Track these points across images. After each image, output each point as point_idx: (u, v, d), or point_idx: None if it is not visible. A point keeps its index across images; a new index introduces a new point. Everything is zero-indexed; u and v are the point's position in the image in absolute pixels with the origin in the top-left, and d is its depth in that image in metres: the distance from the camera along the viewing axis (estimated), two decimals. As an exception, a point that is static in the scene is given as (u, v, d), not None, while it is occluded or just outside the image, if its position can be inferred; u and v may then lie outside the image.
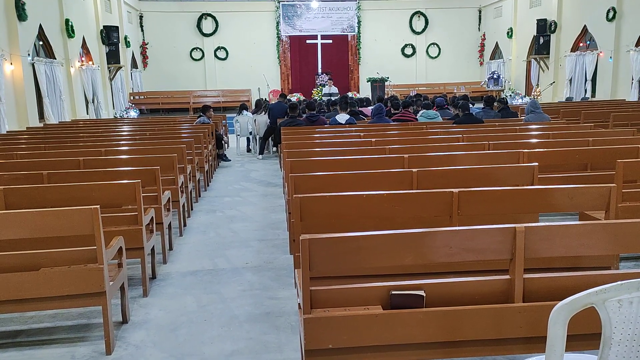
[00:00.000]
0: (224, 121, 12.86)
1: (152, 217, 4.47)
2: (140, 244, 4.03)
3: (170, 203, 5.30)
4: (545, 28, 16.73)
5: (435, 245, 2.35)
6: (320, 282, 2.46)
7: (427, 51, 21.90)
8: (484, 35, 21.74)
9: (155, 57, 20.81)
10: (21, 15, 10.75)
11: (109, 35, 15.92)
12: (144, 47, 20.68)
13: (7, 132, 9.49)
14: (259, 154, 11.35)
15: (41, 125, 11.11)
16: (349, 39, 21.60)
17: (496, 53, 20.92)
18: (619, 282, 1.55)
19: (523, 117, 8.67)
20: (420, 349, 2.38)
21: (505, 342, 2.41)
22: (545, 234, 2.37)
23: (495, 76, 19.12)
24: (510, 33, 19.14)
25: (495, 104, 9.75)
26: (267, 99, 16.30)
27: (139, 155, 5.96)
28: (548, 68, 17.12)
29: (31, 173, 4.73)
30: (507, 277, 2.42)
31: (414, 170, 4.01)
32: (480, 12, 21.85)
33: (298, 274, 2.77)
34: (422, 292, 2.38)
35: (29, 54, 11.27)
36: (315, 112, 9.85)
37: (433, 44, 21.87)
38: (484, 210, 3.27)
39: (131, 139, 7.98)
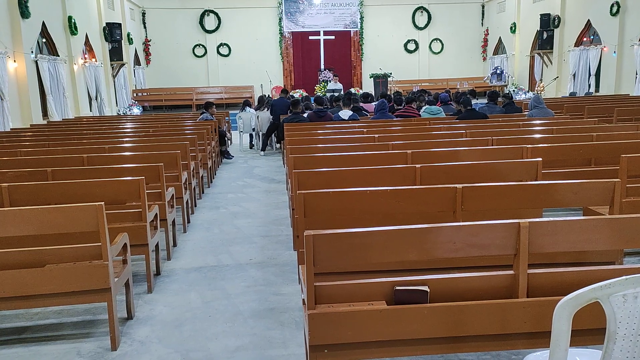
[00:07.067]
0: (227, 118, 12.86)
1: (156, 213, 4.49)
2: (144, 240, 4.05)
3: (174, 200, 5.31)
4: (548, 23, 16.64)
5: (439, 240, 2.35)
6: (324, 278, 2.46)
7: (430, 47, 21.82)
8: (487, 30, 21.64)
9: (158, 54, 20.82)
10: (24, 12, 10.76)
11: (112, 32, 15.92)
12: (146, 44, 20.68)
13: (11, 129, 9.51)
14: (262, 150, 11.36)
15: (45, 122, 11.13)
16: (352, 34, 21.54)
17: (499, 48, 20.83)
18: (623, 277, 1.55)
19: (526, 113, 8.64)
20: (425, 344, 2.39)
21: (509, 337, 2.41)
22: (549, 229, 2.37)
23: (498, 71, 19.07)
24: (513, 28, 19.06)
25: (499, 99, 9.72)
26: (270, 95, 16.28)
27: (142, 152, 5.95)
28: (552, 63, 17.05)
29: (35, 170, 4.73)
30: (511, 272, 2.42)
31: (417, 166, 4.00)
32: (483, 7, 21.76)
33: (302, 269, 2.77)
34: (426, 288, 2.38)
35: (32, 51, 11.29)
36: (322, 107, 9.81)
37: (436, 39, 21.77)
38: (488, 205, 3.27)
39: (134, 135, 7.98)
